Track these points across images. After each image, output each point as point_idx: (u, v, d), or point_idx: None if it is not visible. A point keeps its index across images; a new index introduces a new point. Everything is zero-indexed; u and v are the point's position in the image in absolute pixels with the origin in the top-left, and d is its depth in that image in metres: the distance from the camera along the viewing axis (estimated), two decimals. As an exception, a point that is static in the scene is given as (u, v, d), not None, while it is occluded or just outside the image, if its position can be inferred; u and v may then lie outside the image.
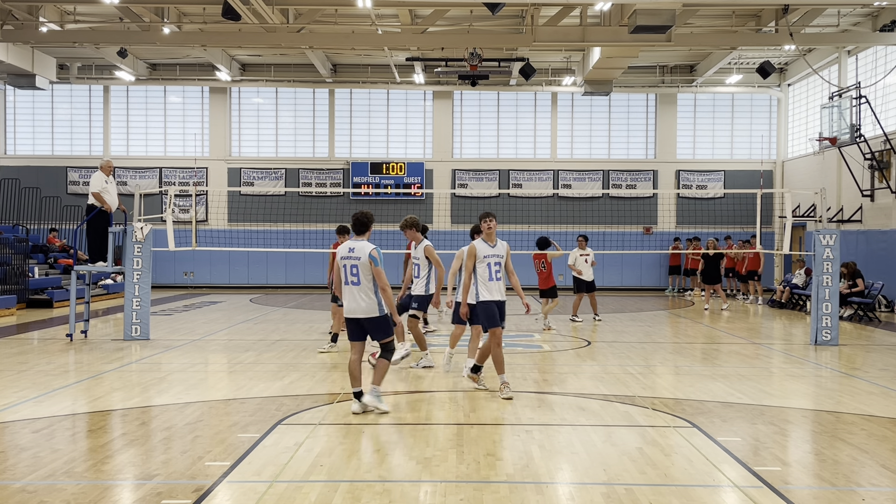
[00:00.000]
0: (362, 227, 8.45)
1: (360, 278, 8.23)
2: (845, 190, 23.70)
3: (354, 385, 8.33)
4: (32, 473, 6.27)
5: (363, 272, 8.22)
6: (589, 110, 29.23)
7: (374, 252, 8.26)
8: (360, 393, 8.33)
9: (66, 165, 28.71)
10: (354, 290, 8.26)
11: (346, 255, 8.31)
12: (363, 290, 8.25)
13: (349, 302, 8.30)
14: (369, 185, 28.16)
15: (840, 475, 6.43)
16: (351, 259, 8.28)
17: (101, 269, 14.48)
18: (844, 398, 9.47)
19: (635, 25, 17.77)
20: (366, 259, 8.22)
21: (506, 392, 9.18)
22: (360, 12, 20.87)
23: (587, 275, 17.67)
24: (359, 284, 8.24)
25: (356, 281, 8.25)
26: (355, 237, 8.47)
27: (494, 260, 9.34)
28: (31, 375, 10.59)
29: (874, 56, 22.79)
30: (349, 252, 8.31)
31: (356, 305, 8.27)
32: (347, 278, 8.28)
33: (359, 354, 8.41)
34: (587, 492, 5.94)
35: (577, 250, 17.74)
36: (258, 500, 5.71)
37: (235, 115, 29.43)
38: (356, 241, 8.42)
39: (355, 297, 8.26)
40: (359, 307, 8.26)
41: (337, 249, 8.57)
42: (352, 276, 8.25)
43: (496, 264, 9.34)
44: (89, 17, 22.32)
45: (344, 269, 8.29)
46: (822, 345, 13.95)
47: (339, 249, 8.43)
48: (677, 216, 28.20)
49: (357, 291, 8.25)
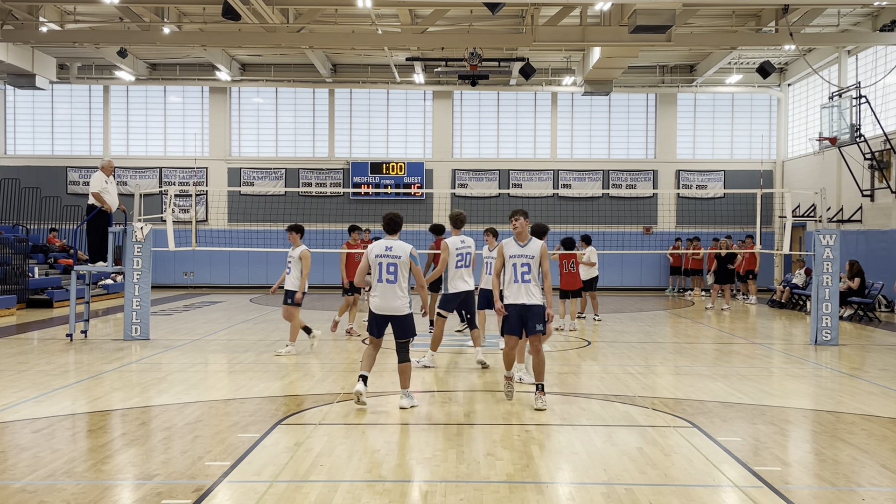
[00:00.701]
0: (396, 226, 8.67)
1: (397, 276, 8.41)
2: (845, 190, 23.70)
3: (365, 368, 8.61)
4: (32, 473, 6.27)
5: (402, 270, 8.42)
6: (589, 110, 29.23)
7: (414, 251, 8.51)
8: (365, 377, 8.56)
9: (66, 165, 28.72)
10: (390, 287, 8.42)
11: (382, 252, 8.49)
12: (399, 288, 8.44)
13: (382, 299, 8.45)
14: (369, 185, 28.16)
15: (840, 475, 6.43)
16: (389, 257, 8.44)
17: (101, 269, 14.48)
18: (844, 398, 9.47)
19: (635, 25, 17.77)
20: (406, 258, 8.45)
21: (508, 389, 8.97)
22: (360, 12, 20.87)
23: (586, 274, 17.75)
24: (395, 282, 8.42)
25: (392, 279, 8.42)
26: (388, 237, 8.63)
27: (522, 261, 8.69)
28: (31, 375, 10.59)
29: (874, 56, 22.79)
30: (387, 250, 8.47)
31: (389, 303, 8.43)
32: (383, 276, 8.43)
33: (377, 347, 8.70)
34: (587, 492, 5.94)
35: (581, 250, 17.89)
36: (258, 500, 5.71)
37: (235, 115, 29.43)
38: (391, 240, 8.59)
39: (390, 294, 8.42)
40: (392, 305, 8.43)
41: (369, 247, 8.68)
42: (388, 274, 8.42)
43: (524, 265, 8.68)
44: (89, 17, 22.32)
45: (380, 267, 8.43)
46: (823, 345, 13.95)
47: (372, 247, 8.59)
48: (677, 216, 28.20)
49: (394, 289, 8.42)
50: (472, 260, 11.57)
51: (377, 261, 8.49)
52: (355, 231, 15.47)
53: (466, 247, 11.48)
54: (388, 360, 12.18)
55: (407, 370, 8.61)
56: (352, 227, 15.38)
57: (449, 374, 10.93)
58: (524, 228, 8.73)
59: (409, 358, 8.60)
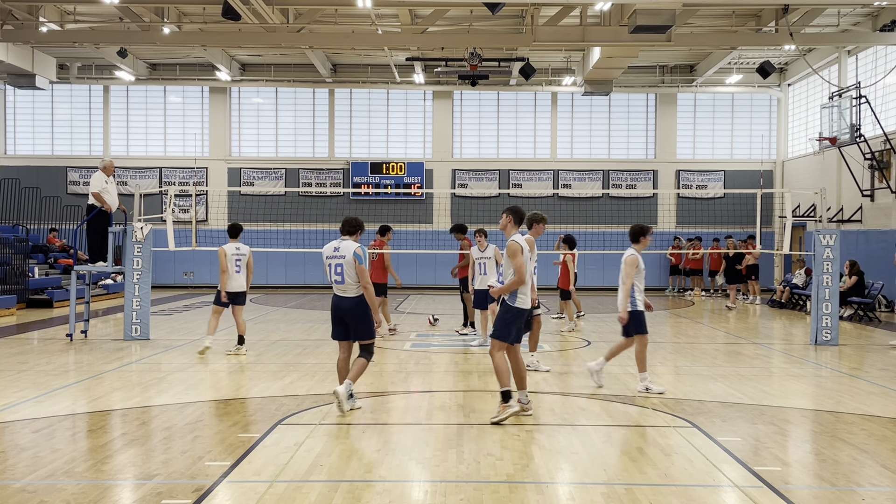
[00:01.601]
0: (353, 228, 8.48)
1: (343, 277, 8.27)
2: (845, 190, 23.70)
3: (340, 382, 8.46)
4: (32, 473, 6.27)
5: (347, 270, 8.26)
6: (589, 110, 29.23)
7: (359, 250, 8.29)
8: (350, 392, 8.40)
9: (66, 165, 28.72)
10: (339, 288, 8.34)
11: (330, 254, 8.36)
12: (348, 289, 8.30)
13: (335, 301, 8.39)
14: (369, 185, 28.16)
15: (840, 475, 6.43)
16: (336, 258, 8.32)
17: (101, 269, 14.48)
18: (844, 398, 9.46)
19: (635, 25, 17.77)
20: (350, 257, 8.24)
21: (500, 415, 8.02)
22: (360, 12, 20.87)
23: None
24: (342, 283, 8.29)
25: (340, 280, 8.30)
26: (342, 238, 8.48)
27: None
28: (31, 375, 10.59)
29: (874, 56, 22.79)
30: (335, 251, 8.35)
31: (339, 305, 8.34)
32: (332, 277, 8.34)
33: (347, 353, 8.52)
34: (587, 492, 5.94)
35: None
36: (258, 500, 5.71)
37: (235, 115, 29.43)
38: (342, 241, 8.44)
39: (339, 295, 8.35)
40: (341, 306, 8.33)
41: (323, 249, 8.44)
42: (336, 275, 8.31)
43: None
44: (89, 17, 22.33)
45: (329, 269, 8.35)
46: (823, 345, 13.95)
47: (324, 249, 8.44)
48: (677, 216, 28.20)
49: (342, 290, 8.33)
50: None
51: (327, 262, 8.37)
52: (386, 232, 15.39)
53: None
54: (387, 359, 12.19)
55: (360, 365, 8.36)
56: (382, 228, 15.30)
57: (449, 374, 10.93)
58: (504, 225, 8.40)
59: (368, 357, 8.38)
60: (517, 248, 7.97)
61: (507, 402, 7.97)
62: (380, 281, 14.46)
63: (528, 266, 8.08)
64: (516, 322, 8.05)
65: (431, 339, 14.80)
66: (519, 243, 7.96)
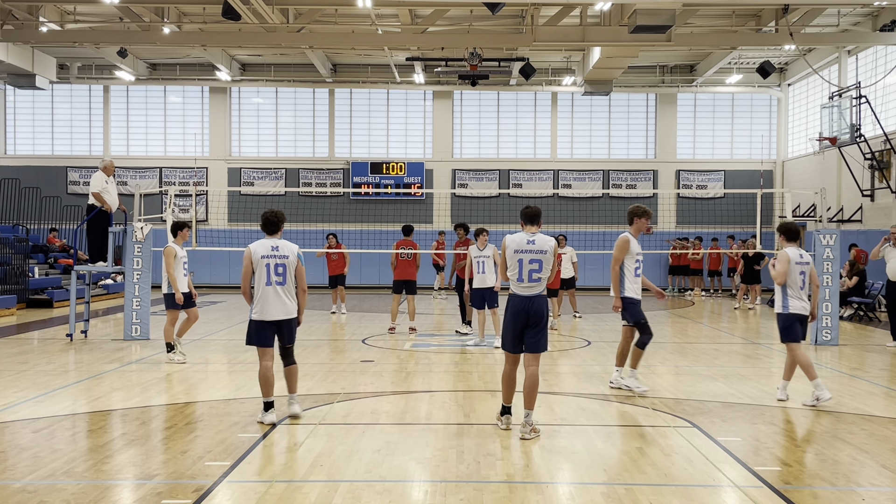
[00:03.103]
0: (274, 227, 8.02)
1: (286, 278, 7.87)
2: (845, 190, 23.70)
3: (268, 394, 7.94)
4: (32, 473, 6.27)
5: (290, 272, 7.91)
6: (589, 110, 29.23)
7: (300, 251, 8.03)
8: (272, 403, 7.96)
9: (66, 165, 28.72)
10: (280, 290, 7.84)
11: (268, 253, 7.83)
12: (288, 291, 7.91)
13: (269, 304, 7.83)
14: (369, 185, 28.17)
15: (840, 475, 6.43)
16: (277, 258, 7.84)
17: (101, 269, 14.48)
18: (844, 398, 9.46)
19: (635, 25, 17.78)
20: (294, 258, 7.92)
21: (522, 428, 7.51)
22: (360, 12, 20.87)
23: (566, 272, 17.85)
24: (284, 284, 7.86)
25: (282, 281, 7.84)
26: (268, 237, 7.99)
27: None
28: (31, 375, 10.59)
29: (874, 56, 22.79)
30: (273, 250, 7.85)
31: (279, 307, 7.87)
32: (271, 278, 7.80)
33: (273, 360, 8.03)
34: (587, 492, 5.94)
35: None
36: (258, 500, 5.71)
37: (235, 115, 29.43)
38: (275, 239, 7.97)
39: (279, 297, 7.84)
40: (281, 309, 7.88)
41: (251, 248, 7.88)
42: (277, 276, 7.82)
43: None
44: (89, 16, 22.33)
45: (267, 269, 7.80)
46: (823, 345, 13.95)
47: (255, 247, 7.87)
48: (677, 216, 28.20)
49: (283, 292, 7.86)
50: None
51: (263, 262, 7.80)
52: (409, 233, 15.49)
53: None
54: (387, 359, 12.20)
55: (295, 373, 8.15)
56: (406, 229, 15.47)
57: (449, 374, 10.93)
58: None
59: (295, 360, 8.15)
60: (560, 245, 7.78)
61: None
62: (413, 279, 15.34)
63: (524, 266, 7.57)
64: (508, 328, 7.67)
65: (431, 339, 14.80)
66: (506, 242, 7.65)
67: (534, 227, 7.62)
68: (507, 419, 7.71)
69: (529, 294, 7.50)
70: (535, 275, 7.49)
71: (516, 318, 7.50)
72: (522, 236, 7.61)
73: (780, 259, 9.10)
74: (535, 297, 7.50)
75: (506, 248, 7.59)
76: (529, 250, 7.51)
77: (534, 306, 7.48)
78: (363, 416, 8.29)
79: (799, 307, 9.04)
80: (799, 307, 9.04)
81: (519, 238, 7.59)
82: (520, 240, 7.58)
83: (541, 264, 7.48)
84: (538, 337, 7.48)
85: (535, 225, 7.61)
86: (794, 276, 9.05)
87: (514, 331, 7.52)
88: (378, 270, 27.84)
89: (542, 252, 7.50)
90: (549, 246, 7.50)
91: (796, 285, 9.06)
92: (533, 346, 7.47)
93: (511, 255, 7.55)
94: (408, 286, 15.35)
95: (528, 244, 7.53)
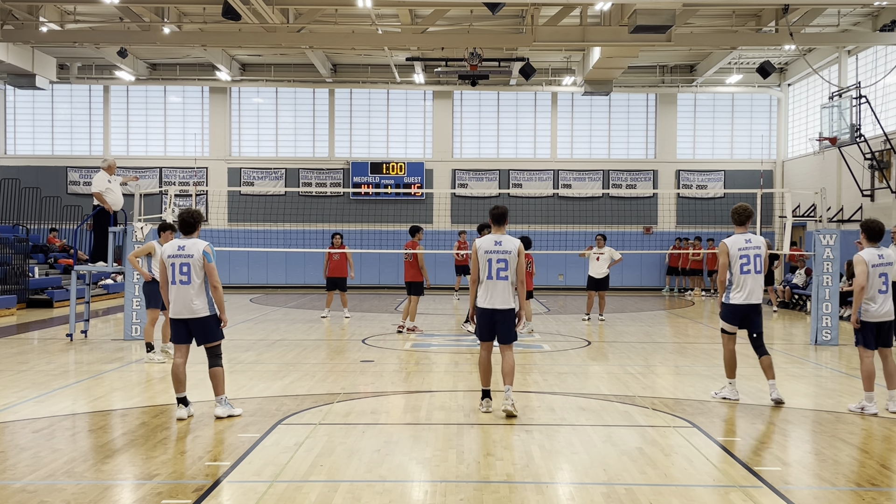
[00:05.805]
0: (190, 227, 8.16)
1: (190, 277, 7.96)
2: (845, 190, 23.69)
3: (179, 390, 8.11)
4: (32, 473, 6.27)
5: (195, 270, 7.98)
6: (589, 110, 29.23)
7: (208, 248, 8.05)
8: (184, 399, 8.13)
9: (66, 165, 28.71)
10: (184, 289, 7.97)
11: (174, 253, 8.00)
12: (194, 289, 7.98)
13: (176, 303, 8.01)
14: (369, 185, 28.17)
15: (840, 475, 6.43)
16: (181, 257, 7.98)
17: (101, 269, 14.48)
18: (844, 398, 9.46)
19: (635, 25, 17.77)
20: (199, 256, 7.98)
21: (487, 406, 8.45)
22: (360, 12, 20.87)
23: (597, 272, 17.85)
24: (189, 283, 7.96)
25: (186, 280, 7.95)
26: (183, 237, 8.14)
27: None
28: (31, 375, 10.59)
29: (874, 56, 22.79)
30: (178, 250, 8.00)
31: (185, 306, 7.99)
32: (176, 277, 7.96)
33: (184, 357, 8.18)
34: (587, 492, 5.94)
35: (596, 248, 17.96)
36: (258, 500, 5.71)
37: (235, 115, 29.43)
38: (185, 239, 8.10)
39: (184, 296, 7.98)
40: (187, 307, 7.99)
41: (163, 248, 8.12)
42: (181, 275, 7.95)
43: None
44: (89, 16, 22.32)
45: (172, 268, 7.98)
46: (823, 345, 13.96)
47: (165, 248, 8.06)
48: (677, 216, 28.20)
49: (187, 290, 7.97)
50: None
51: (169, 261, 7.97)
52: (420, 231, 15.43)
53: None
54: (387, 359, 12.20)
55: (219, 375, 8.15)
56: (413, 229, 15.44)
57: (449, 374, 10.93)
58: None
59: (220, 363, 8.19)
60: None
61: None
62: (416, 280, 15.16)
63: (491, 266, 8.25)
64: (481, 321, 8.42)
65: (431, 338, 14.80)
66: (476, 245, 8.34)
67: (502, 229, 8.38)
68: (488, 403, 8.45)
69: (498, 291, 8.27)
70: (502, 273, 8.26)
71: (485, 313, 8.34)
72: (490, 238, 8.32)
73: (856, 265, 8.35)
74: (503, 293, 8.28)
75: (476, 251, 8.34)
76: (496, 251, 8.27)
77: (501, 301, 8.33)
78: (363, 416, 8.29)
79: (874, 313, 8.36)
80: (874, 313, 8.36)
81: (487, 241, 8.32)
82: (488, 242, 8.31)
83: (507, 263, 8.25)
84: (507, 329, 8.38)
85: (502, 226, 8.37)
86: (872, 280, 8.33)
87: (487, 324, 8.36)
88: (378, 270, 27.86)
89: (507, 252, 8.27)
90: (514, 246, 8.28)
91: (874, 289, 8.35)
92: (505, 337, 8.39)
93: (482, 256, 8.30)
94: (409, 287, 15.34)
95: (495, 245, 8.29)
